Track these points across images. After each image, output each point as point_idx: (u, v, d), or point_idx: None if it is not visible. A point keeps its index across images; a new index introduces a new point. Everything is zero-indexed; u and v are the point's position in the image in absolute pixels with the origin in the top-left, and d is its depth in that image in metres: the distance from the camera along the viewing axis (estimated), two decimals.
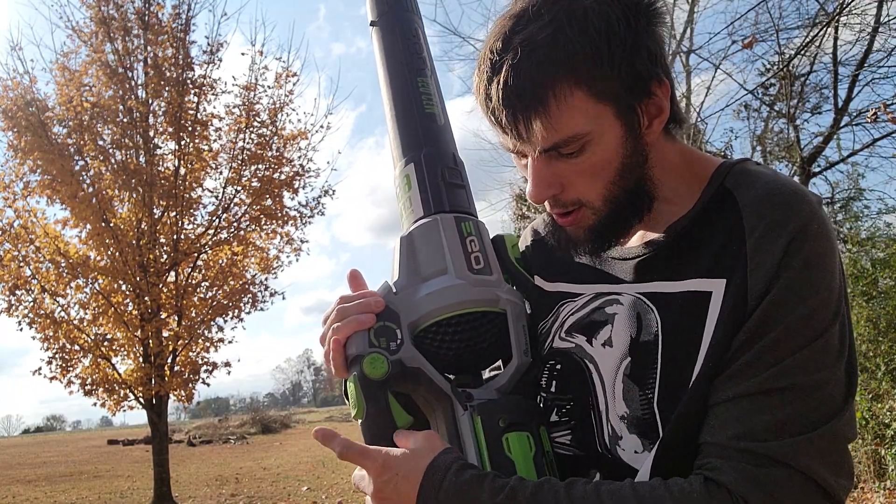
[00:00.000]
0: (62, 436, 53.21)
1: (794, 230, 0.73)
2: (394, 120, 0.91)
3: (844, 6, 5.02)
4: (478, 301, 0.81)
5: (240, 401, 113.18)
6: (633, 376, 0.79)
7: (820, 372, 0.71)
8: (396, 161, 0.91)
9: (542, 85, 0.73)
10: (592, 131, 0.76)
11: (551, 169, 0.79)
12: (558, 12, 0.74)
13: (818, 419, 0.70)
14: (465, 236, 0.84)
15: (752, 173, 0.81)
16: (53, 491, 12.77)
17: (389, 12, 0.95)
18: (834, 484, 0.70)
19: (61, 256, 9.30)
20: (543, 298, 0.95)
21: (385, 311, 0.80)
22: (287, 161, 10.30)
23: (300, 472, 13.72)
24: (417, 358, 0.79)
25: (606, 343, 0.83)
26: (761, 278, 0.73)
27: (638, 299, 0.82)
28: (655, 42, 0.78)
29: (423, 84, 0.91)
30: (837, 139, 8.59)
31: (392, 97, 0.92)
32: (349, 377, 0.78)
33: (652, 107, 0.79)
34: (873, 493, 5.91)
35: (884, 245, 7.61)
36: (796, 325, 0.71)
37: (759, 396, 0.71)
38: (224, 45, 10.20)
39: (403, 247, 0.85)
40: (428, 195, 0.86)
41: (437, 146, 0.89)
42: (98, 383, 9.45)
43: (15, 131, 9.10)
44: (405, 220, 0.88)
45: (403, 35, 0.94)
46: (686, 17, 8.98)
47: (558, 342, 0.89)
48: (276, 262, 10.74)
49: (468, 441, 0.78)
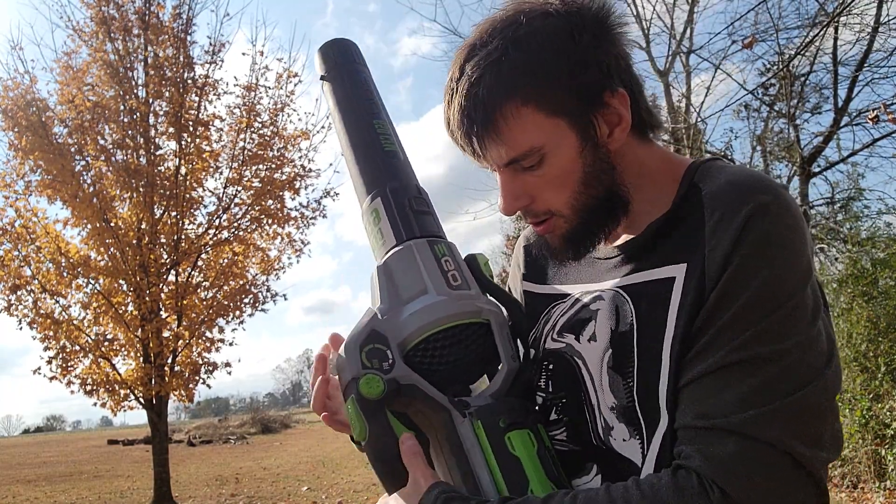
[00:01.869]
0: (62, 436, 53.21)
1: (750, 210, 0.74)
2: (355, 162, 0.96)
3: (844, 6, 5.02)
4: (462, 313, 0.84)
5: (240, 401, 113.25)
6: (615, 367, 0.82)
7: (783, 342, 0.71)
8: (362, 199, 0.94)
9: (491, 106, 0.79)
10: (546, 144, 0.81)
11: (518, 182, 0.85)
12: (504, 38, 0.80)
13: (785, 389, 0.69)
14: (439, 257, 0.87)
15: (719, 168, 0.83)
16: (53, 491, 12.77)
17: (338, 66, 1.00)
18: (809, 455, 0.69)
19: (62, 256, 9.30)
20: (536, 302, 1.00)
21: (373, 335, 0.82)
22: (288, 161, 10.31)
23: (300, 472, 13.72)
24: (411, 375, 0.80)
25: (591, 338, 0.86)
26: (718, 257, 0.74)
27: (616, 293, 0.86)
28: (608, 53, 0.82)
29: (379, 125, 0.96)
30: (837, 139, 8.61)
31: (351, 141, 0.96)
32: (347, 401, 0.79)
33: (610, 116, 0.83)
34: (873, 493, 5.91)
35: (884, 245, 7.61)
36: (753, 298, 0.72)
37: (720, 371, 0.71)
38: (226, 46, 10.21)
39: (381, 275, 0.88)
40: (398, 224, 0.89)
41: (400, 180, 0.93)
42: (98, 383, 9.45)
43: (15, 131, 9.09)
44: (378, 252, 0.91)
45: (354, 83, 0.99)
46: (686, 17, 8.99)
47: (551, 343, 0.92)
48: (278, 264, 10.75)
49: (472, 446, 0.79)
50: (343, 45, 1.02)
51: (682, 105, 8.98)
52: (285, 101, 10.32)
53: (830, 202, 10.25)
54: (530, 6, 0.83)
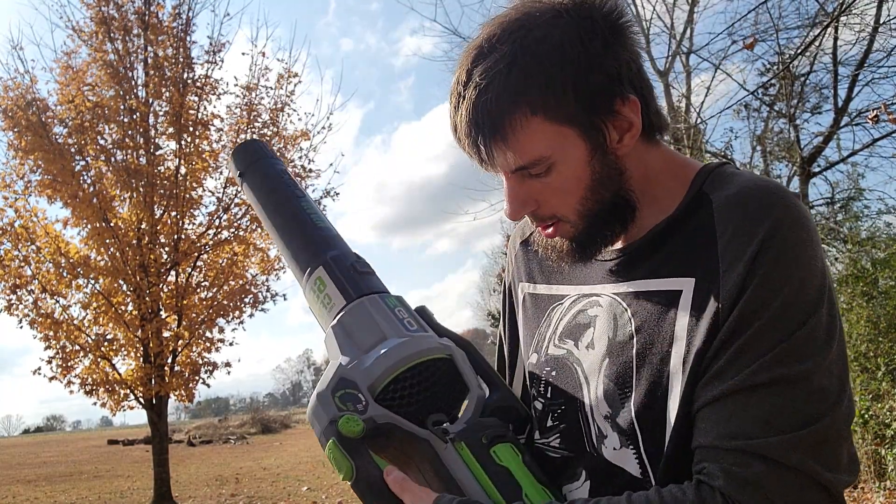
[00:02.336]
0: (62, 436, 53.22)
1: (766, 227, 0.73)
2: (291, 241, 0.97)
3: (844, 6, 5.02)
4: (424, 351, 0.85)
5: (240, 401, 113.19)
6: (611, 376, 0.81)
7: (803, 363, 0.70)
8: (303, 274, 0.95)
9: (499, 115, 0.77)
10: (554, 153, 0.80)
11: (524, 188, 0.83)
12: (514, 43, 0.78)
13: (810, 413, 0.69)
14: (392, 307, 0.89)
15: (729, 175, 0.82)
16: (53, 491, 12.77)
17: (253, 163, 1.04)
18: (831, 478, 0.69)
19: (62, 256, 9.30)
20: (537, 303, 0.99)
21: (342, 381, 0.82)
22: (288, 162, 10.30)
23: (300, 472, 13.72)
24: (387, 413, 0.81)
25: (589, 346, 0.86)
26: (734, 277, 0.73)
27: (614, 300, 0.85)
28: (618, 59, 0.79)
29: (307, 206, 0.98)
30: (837, 139, 8.60)
31: (283, 225, 0.98)
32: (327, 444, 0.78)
33: (620, 123, 0.81)
34: (873, 493, 5.91)
35: (884, 245, 7.61)
36: (774, 318, 0.71)
37: (744, 393, 0.71)
38: (226, 46, 10.21)
39: (337, 333, 0.89)
40: (345, 285, 0.91)
41: (339, 248, 0.95)
42: (98, 383, 9.45)
43: (15, 131, 9.10)
44: (327, 318, 0.92)
45: (275, 173, 1.02)
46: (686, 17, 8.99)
47: (553, 349, 0.92)
48: (278, 264, 10.74)
49: (458, 469, 0.79)
50: (253, 145, 1.06)
51: (682, 105, 8.99)
52: (285, 101, 10.34)
53: (830, 202, 10.26)
54: (540, 7, 0.80)
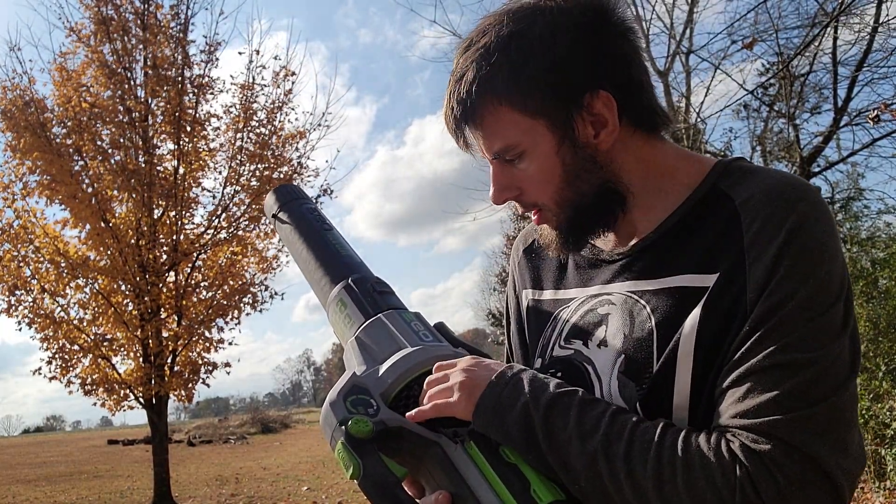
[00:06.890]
0: (62, 436, 53.22)
1: (792, 220, 0.75)
2: (317, 269, 1.02)
3: (844, 6, 5.01)
4: (436, 358, 0.87)
5: (240, 401, 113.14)
6: (627, 372, 0.82)
7: (819, 350, 0.72)
8: (327, 296, 1.00)
9: (474, 103, 0.84)
10: (523, 142, 0.84)
11: (507, 174, 0.88)
12: (492, 36, 0.84)
13: (817, 395, 0.70)
14: (408, 322, 0.93)
15: (749, 170, 0.83)
16: (53, 491, 12.77)
17: (289, 202, 1.11)
18: (834, 465, 0.69)
19: (61, 256, 9.29)
20: (541, 309, 0.99)
21: (355, 387, 0.84)
22: (286, 160, 10.29)
23: (300, 472, 13.72)
24: (397, 417, 0.82)
25: (602, 343, 0.86)
26: (761, 268, 0.74)
27: (629, 297, 0.85)
28: (595, 52, 0.83)
29: (333, 238, 1.05)
30: (837, 139, 8.58)
31: (310, 253, 1.04)
32: (336, 445, 0.79)
33: (594, 117, 0.83)
34: (873, 493, 5.90)
35: (884, 245, 7.60)
36: (799, 308, 0.72)
37: (758, 374, 0.72)
38: (222, 45, 10.21)
39: (355, 347, 0.91)
40: (364, 304, 0.95)
41: (360, 272, 1.00)
42: (98, 383, 9.45)
43: (14, 132, 9.08)
44: (347, 335, 0.95)
45: (306, 209, 1.10)
46: (686, 17, 8.98)
47: (558, 350, 0.92)
48: (276, 263, 10.74)
49: (468, 468, 0.79)
50: (288, 189, 1.15)
51: (682, 105, 8.97)
52: (283, 100, 10.32)
53: (830, 202, 10.24)
54: (526, 4, 0.85)
